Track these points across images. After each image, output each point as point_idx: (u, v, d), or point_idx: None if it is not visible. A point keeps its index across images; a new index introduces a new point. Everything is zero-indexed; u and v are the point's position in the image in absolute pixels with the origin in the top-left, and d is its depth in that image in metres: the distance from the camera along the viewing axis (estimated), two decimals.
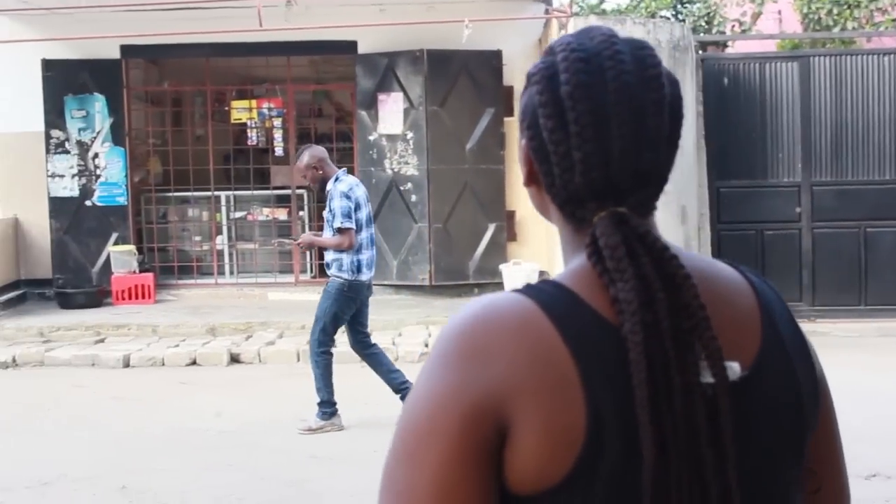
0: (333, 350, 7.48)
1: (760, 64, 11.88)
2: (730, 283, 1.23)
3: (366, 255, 7.45)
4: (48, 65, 12.83)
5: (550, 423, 1.07)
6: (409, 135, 12.60)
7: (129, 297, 12.68)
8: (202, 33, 11.84)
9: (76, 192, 13.00)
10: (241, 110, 14.10)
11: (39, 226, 13.12)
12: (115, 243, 12.93)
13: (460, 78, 12.68)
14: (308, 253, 12.97)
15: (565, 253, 1.25)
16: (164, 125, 14.65)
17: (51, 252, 13.02)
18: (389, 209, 12.76)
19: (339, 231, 7.29)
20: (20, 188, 13.20)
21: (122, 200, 13.09)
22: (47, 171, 12.95)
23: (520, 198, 12.78)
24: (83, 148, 13.02)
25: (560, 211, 1.23)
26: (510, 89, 12.76)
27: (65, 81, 12.89)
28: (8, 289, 12.80)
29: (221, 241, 13.92)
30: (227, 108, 14.57)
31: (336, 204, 7.30)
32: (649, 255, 1.13)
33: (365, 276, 7.44)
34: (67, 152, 12.99)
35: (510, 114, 12.79)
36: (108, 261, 12.81)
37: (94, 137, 13.04)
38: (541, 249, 12.72)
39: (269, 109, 14.00)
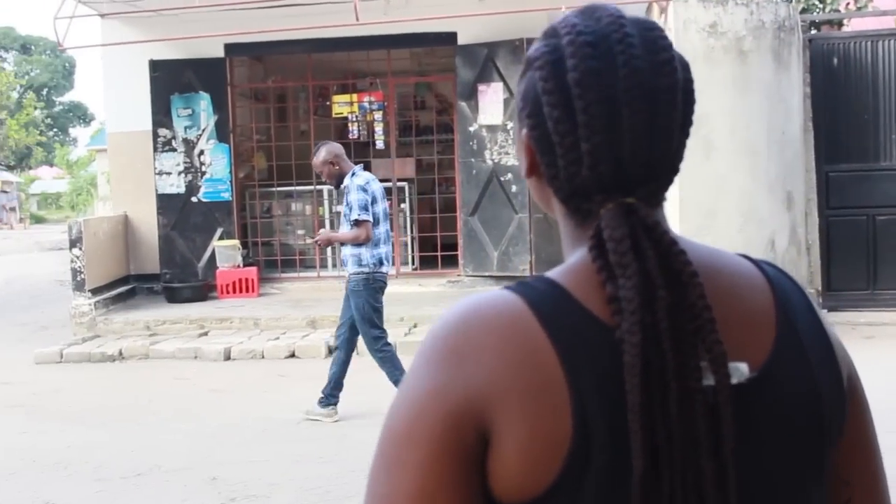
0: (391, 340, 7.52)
1: (873, 42, 11.36)
2: (742, 278, 1.17)
3: (384, 250, 7.44)
4: (155, 65, 13.10)
5: (534, 429, 1.03)
6: (510, 125, 12.47)
7: (234, 291, 12.86)
8: (304, 29, 11.91)
9: (182, 189, 13.24)
10: (342, 104, 14.17)
11: (147, 222, 13.42)
12: (220, 238, 13.12)
13: None
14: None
15: (566, 248, 1.20)
16: (267, 121, 14.81)
17: (158, 248, 13.31)
18: (490, 200, 12.66)
19: (357, 224, 7.30)
20: (130, 186, 13.53)
21: (226, 196, 13.28)
22: (155, 168, 13.22)
23: None
24: (189, 145, 13.24)
25: (563, 205, 1.17)
26: None
27: (171, 81, 13.13)
28: (118, 284, 13.12)
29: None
30: (328, 103, 14.65)
31: (353, 197, 7.31)
32: (656, 249, 1.08)
33: (385, 268, 7.43)
34: (174, 150, 13.23)
35: None
36: (213, 255, 13.02)
37: (200, 135, 13.25)
38: None
39: (370, 103, 14.04)
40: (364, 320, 7.35)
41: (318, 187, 13.80)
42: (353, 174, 7.45)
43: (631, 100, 1.09)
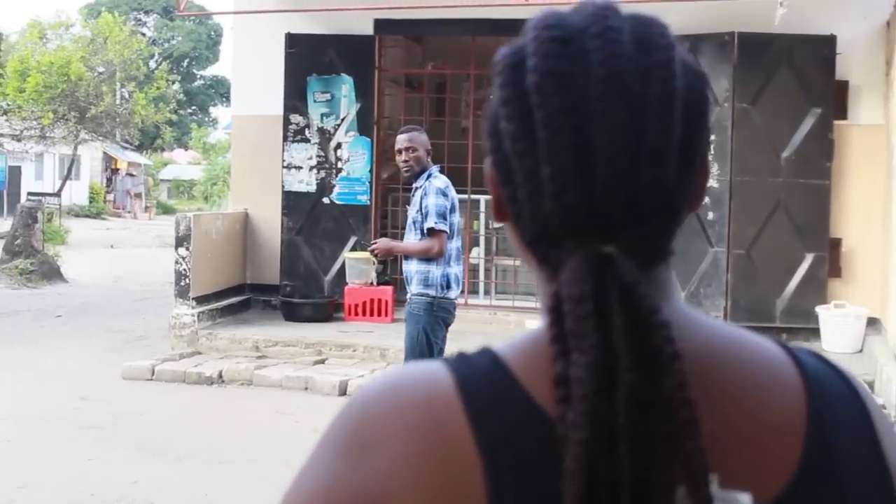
0: None
1: None
2: (763, 371, 1.12)
3: (455, 270, 7.44)
4: (292, 40, 13.37)
5: None
6: (711, 136, 12.15)
7: (363, 313, 12.98)
8: (468, 7, 11.94)
9: (313, 187, 13.45)
10: None
11: (270, 223, 13.71)
12: (353, 249, 13.25)
13: (779, 68, 12.14)
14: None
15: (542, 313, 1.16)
16: (420, 114, 14.90)
17: (280, 254, 13.57)
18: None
19: (430, 233, 7.30)
20: (253, 179, 13.86)
21: (364, 199, 13.42)
22: (283, 161, 13.48)
23: (849, 223, 12.15)
24: (325, 136, 13.45)
25: (530, 252, 1.13)
26: (844, 85, 12.12)
27: (309, 59, 13.38)
28: (231, 293, 13.43)
29: (477, 254, 13.98)
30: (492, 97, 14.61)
31: (431, 201, 7.31)
32: (628, 317, 1.01)
33: (454, 292, 7.43)
34: (307, 141, 13.46)
35: (843, 115, 12.12)
36: (342, 269, 13.17)
37: (338, 125, 13.44)
38: (873, 290, 11.98)
39: None
40: (413, 351, 7.31)
41: (475, 196, 13.78)
42: (431, 175, 7.49)
43: (607, 110, 1.03)
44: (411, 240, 7.53)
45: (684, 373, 0.99)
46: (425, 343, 7.34)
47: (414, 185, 7.61)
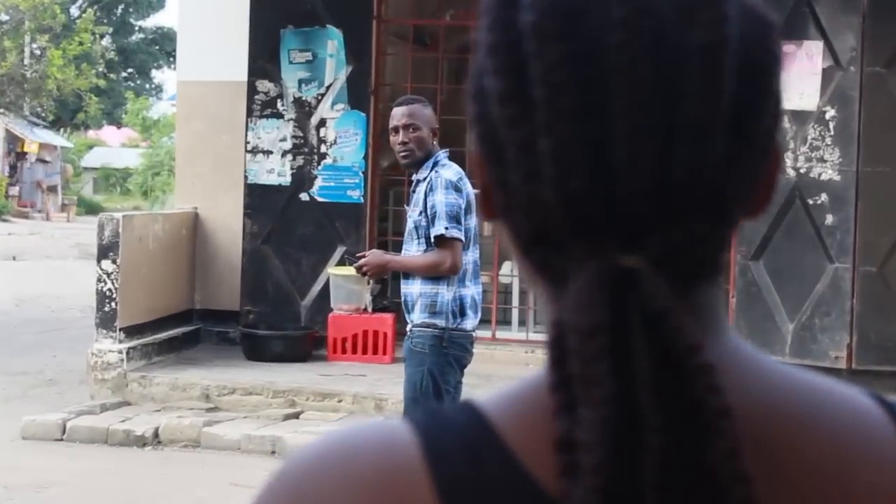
0: None
1: None
2: (848, 437, 1.11)
3: (472, 291, 7.45)
4: None
5: None
6: (830, 112, 12.28)
7: (353, 351, 13.03)
8: None
9: (287, 179, 13.52)
10: None
11: (228, 228, 13.79)
12: (341, 263, 13.21)
13: None
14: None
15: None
16: (435, 81, 14.92)
17: (241, 270, 13.63)
18: (786, 236, 12.45)
19: (440, 242, 7.28)
20: (205, 167, 13.95)
21: (356, 196, 13.47)
22: (247, 143, 13.55)
23: None
24: (304, 110, 13.50)
25: (525, 260, 1.13)
26: None
27: (283, 5, 13.47)
28: (174, 322, 13.49)
29: (509, 272, 13.97)
30: None
31: (440, 199, 7.30)
32: (657, 357, 1.00)
33: (470, 322, 7.43)
34: (279, 116, 13.52)
35: None
36: (325, 290, 13.20)
37: (322, 95, 13.51)
38: None
39: None
40: (416, 406, 7.32)
41: None
42: (438, 162, 7.50)
43: (629, 63, 1.02)
44: (412, 251, 7.55)
45: (736, 436, 0.98)
46: (432, 391, 7.33)
47: (415, 177, 7.64)
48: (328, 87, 13.48)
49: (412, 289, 7.48)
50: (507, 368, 12.73)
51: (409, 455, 1.08)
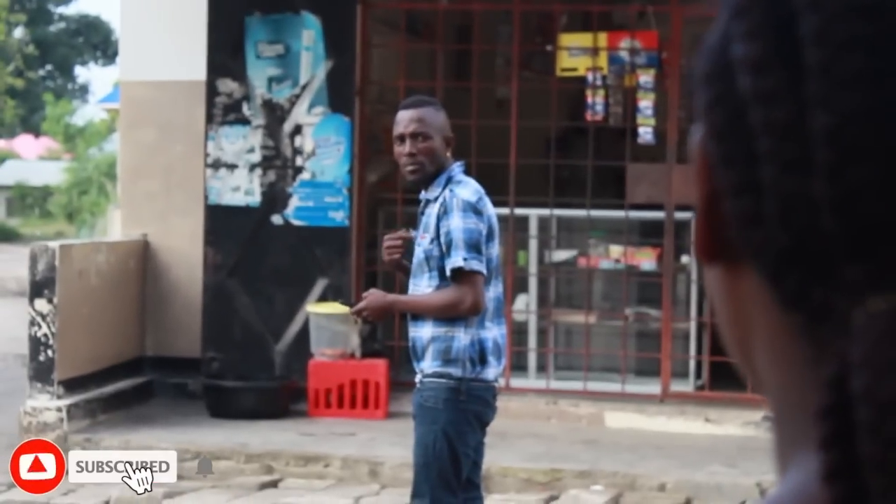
0: None
1: None
2: None
3: (494, 332, 7.43)
4: None
5: None
6: None
7: (339, 405, 12.99)
8: None
9: (256, 199, 13.50)
10: (575, 53, 14.15)
11: (185, 258, 13.76)
12: (323, 299, 13.24)
13: None
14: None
15: (780, 430, 1.10)
16: (432, 78, 14.93)
17: (202, 309, 13.59)
18: None
19: (458, 277, 7.23)
20: (156, 185, 13.92)
21: (340, 218, 13.45)
22: (206, 155, 13.51)
23: None
24: (275, 115, 13.50)
25: (773, 291, 1.04)
26: None
27: None
28: (123, 372, 13.46)
29: (525, 306, 13.96)
30: (550, 48, 14.70)
31: (457, 223, 7.23)
32: None
33: (492, 370, 7.39)
34: (245, 122, 13.51)
35: None
36: (304, 331, 13.17)
37: (297, 96, 13.50)
38: None
39: (634, 52, 13.97)
40: (429, 472, 7.30)
41: (520, 210, 13.78)
42: (452, 178, 7.45)
43: None
44: (423, 286, 7.47)
45: None
46: (447, 455, 7.29)
47: (423, 197, 7.58)
48: (304, 87, 13.46)
49: (422, 332, 7.42)
50: (524, 424, 12.74)
51: None
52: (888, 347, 0.94)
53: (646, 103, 13.87)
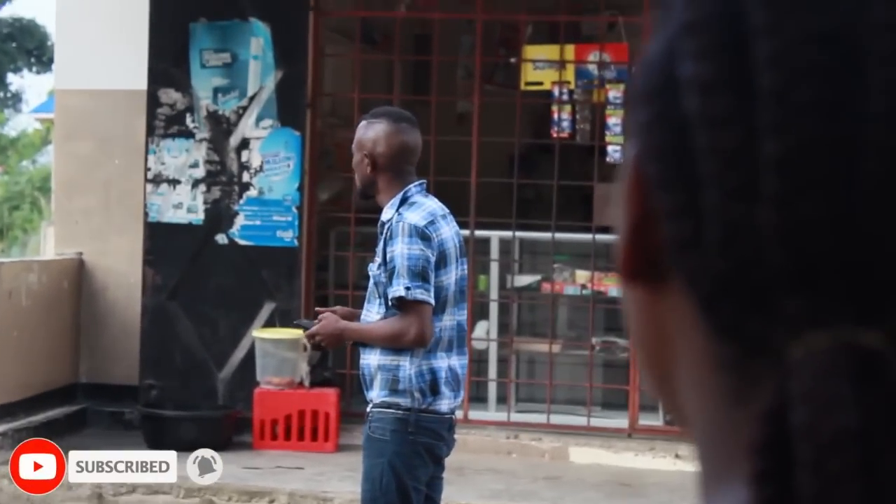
0: None
1: None
2: None
3: (447, 362, 7.41)
4: None
5: None
6: None
7: (287, 436, 13.02)
8: None
9: (200, 217, 13.50)
10: (540, 66, 14.20)
11: (123, 279, 13.79)
12: (269, 324, 13.25)
13: None
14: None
15: (704, 464, 1.10)
16: (388, 90, 14.95)
17: (140, 333, 13.57)
18: None
19: (401, 305, 7.24)
20: (92, 200, 13.92)
21: (288, 238, 13.46)
22: (147, 170, 13.50)
23: None
24: (221, 128, 13.51)
25: (705, 319, 1.04)
26: None
27: None
28: (54, 400, 13.44)
29: (485, 334, 13.98)
30: (513, 61, 14.75)
31: (401, 249, 7.24)
32: None
33: (446, 402, 7.38)
34: (189, 135, 13.51)
35: None
36: (250, 358, 13.17)
37: (244, 108, 13.50)
38: None
39: (603, 66, 14.02)
40: None
41: (481, 232, 13.80)
42: (407, 201, 7.44)
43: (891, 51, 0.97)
44: (373, 314, 7.48)
45: None
46: (394, 489, 7.30)
47: (380, 219, 7.57)
48: (252, 99, 13.47)
49: (370, 359, 7.44)
50: (483, 459, 12.77)
51: None
52: (831, 384, 0.95)
53: (615, 120, 13.89)
